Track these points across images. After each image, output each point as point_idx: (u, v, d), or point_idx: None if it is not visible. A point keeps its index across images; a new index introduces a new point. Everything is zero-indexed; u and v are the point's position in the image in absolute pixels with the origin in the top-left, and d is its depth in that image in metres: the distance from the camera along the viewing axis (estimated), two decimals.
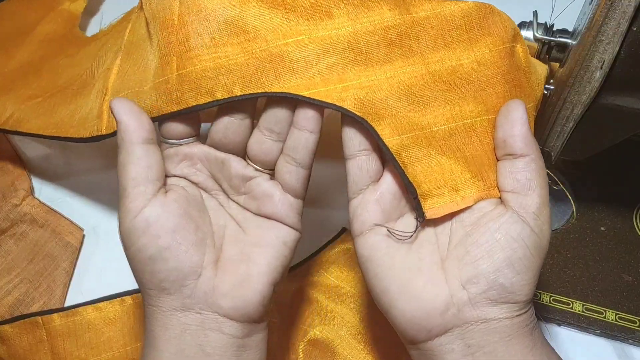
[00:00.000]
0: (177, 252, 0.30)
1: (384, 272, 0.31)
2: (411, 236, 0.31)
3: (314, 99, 0.31)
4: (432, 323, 0.29)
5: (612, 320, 0.42)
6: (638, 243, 0.45)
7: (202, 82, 0.32)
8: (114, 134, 0.35)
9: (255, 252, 0.32)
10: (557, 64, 0.38)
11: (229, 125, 0.33)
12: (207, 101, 0.32)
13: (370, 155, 0.32)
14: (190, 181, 0.34)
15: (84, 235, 0.48)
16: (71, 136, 0.39)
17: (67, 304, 0.45)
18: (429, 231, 0.32)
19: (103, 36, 0.47)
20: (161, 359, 0.30)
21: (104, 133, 0.37)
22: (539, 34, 0.37)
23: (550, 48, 0.38)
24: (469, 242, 0.30)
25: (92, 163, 0.53)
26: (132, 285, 0.46)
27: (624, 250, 0.45)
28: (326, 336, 0.41)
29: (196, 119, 0.34)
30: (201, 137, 0.35)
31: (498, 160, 0.32)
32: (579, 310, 0.43)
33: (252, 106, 0.33)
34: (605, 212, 0.47)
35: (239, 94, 0.32)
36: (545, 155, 0.42)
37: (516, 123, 0.30)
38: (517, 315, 0.29)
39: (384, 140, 0.31)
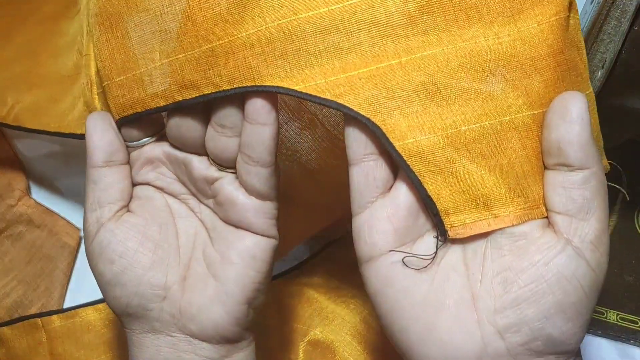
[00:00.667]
0: (133, 276, 0.29)
1: (402, 309, 0.25)
2: (432, 259, 0.26)
3: (310, 95, 0.26)
4: None
5: (614, 320, 0.42)
6: (638, 243, 0.45)
7: (185, 73, 0.28)
8: None
9: (223, 270, 0.29)
10: None
11: (180, 122, 0.29)
12: (193, 96, 0.28)
13: (378, 161, 0.26)
14: (155, 187, 0.31)
15: (81, 237, 0.48)
16: (73, 132, 0.37)
17: (66, 305, 0.45)
18: (456, 259, 0.26)
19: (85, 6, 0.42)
20: None
21: None
22: None
23: None
24: (510, 279, 0.24)
25: None
26: None
27: (625, 251, 0.45)
28: (326, 336, 0.41)
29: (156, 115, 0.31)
30: None
31: (547, 169, 0.25)
32: None
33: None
34: None
35: (226, 88, 0.27)
36: None
37: (575, 124, 0.23)
38: None
39: (394, 144, 0.25)
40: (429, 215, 0.26)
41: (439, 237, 0.26)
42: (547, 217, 0.25)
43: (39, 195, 0.51)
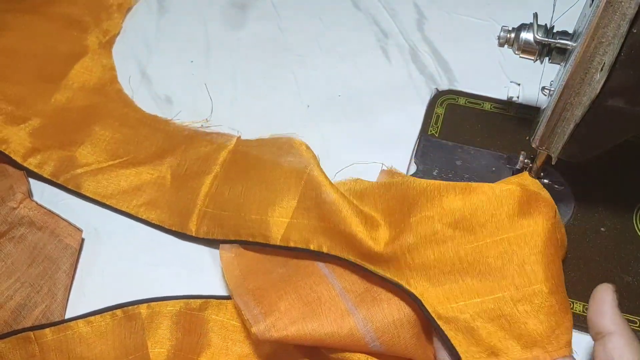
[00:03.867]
0: None
1: None
2: None
3: (373, 271, 0.40)
4: None
5: None
6: (638, 243, 0.46)
7: (304, 233, 0.43)
8: (199, 239, 0.48)
9: None
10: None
11: None
12: (301, 247, 0.43)
13: None
14: None
15: (83, 238, 0.48)
16: (144, 218, 0.49)
17: (69, 306, 0.45)
18: None
19: (179, 133, 0.54)
20: None
21: (193, 235, 0.47)
22: (539, 36, 0.37)
23: (551, 50, 0.38)
24: None
25: None
26: (134, 284, 0.46)
27: (623, 251, 0.45)
28: None
29: None
30: None
31: (595, 340, 0.35)
32: (580, 311, 0.43)
33: None
34: (605, 212, 0.47)
35: (325, 251, 0.42)
36: (546, 157, 0.42)
37: (600, 304, 0.35)
38: None
39: (428, 309, 0.37)
40: None
41: None
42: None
43: (44, 195, 0.51)
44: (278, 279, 0.43)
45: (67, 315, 0.45)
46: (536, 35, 0.37)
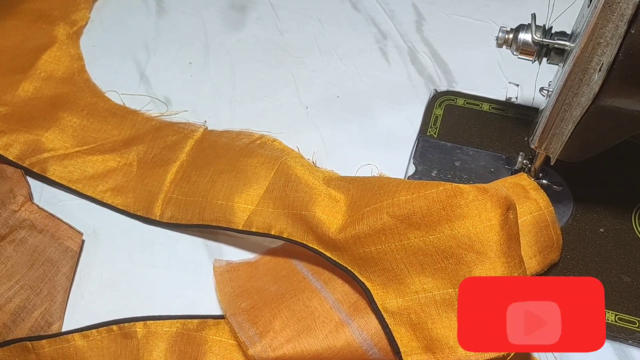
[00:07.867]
0: None
1: None
2: None
3: (331, 259, 0.41)
4: None
5: (612, 321, 0.42)
6: (637, 244, 0.46)
7: (267, 219, 0.44)
8: (166, 224, 0.48)
9: None
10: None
11: None
12: (262, 232, 0.44)
13: None
14: None
15: (83, 240, 0.48)
16: (109, 203, 0.50)
17: (68, 309, 0.45)
18: None
19: (146, 123, 0.55)
20: None
21: (158, 219, 0.49)
22: (537, 37, 0.37)
23: (549, 51, 0.38)
24: None
25: None
26: (132, 286, 0.46)
27: (622, 251, 0.45)
28: None
29: None
30: None
31: None
32: None
33: None
34: (603, 213, 0.47)
35: (285, 237, 0.43)
36: (545, 158, 0.42)
37: None
38: None
39: (377, 302, 0.38)
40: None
41: None
42: None
43: (43, 197, 0.52)
44: (271, 297, 0.42)
45: (66, 317, 0.45)
46: (534, 36, 0.37)
